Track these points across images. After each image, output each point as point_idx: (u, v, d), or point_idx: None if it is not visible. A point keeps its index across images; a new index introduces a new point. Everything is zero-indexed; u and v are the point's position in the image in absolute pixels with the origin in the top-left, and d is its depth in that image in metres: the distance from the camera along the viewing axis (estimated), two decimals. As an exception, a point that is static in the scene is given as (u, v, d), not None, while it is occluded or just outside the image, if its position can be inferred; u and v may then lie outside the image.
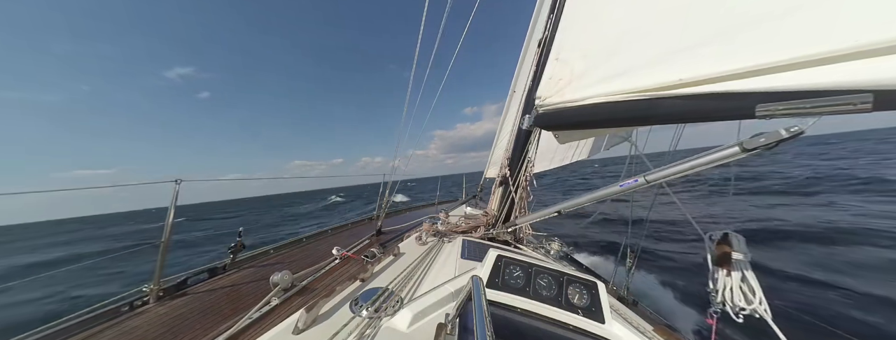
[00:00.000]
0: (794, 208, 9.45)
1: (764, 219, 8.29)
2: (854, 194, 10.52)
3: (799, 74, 1.01)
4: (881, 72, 0.85)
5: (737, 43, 1.19)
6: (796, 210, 9.16)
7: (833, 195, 10.58)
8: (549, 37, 2.47)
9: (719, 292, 1.49)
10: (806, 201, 10.24)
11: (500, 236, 2.76)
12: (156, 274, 2.02)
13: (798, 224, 7.52)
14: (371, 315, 1.32)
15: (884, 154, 23.79)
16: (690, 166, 1.39)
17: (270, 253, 2.99)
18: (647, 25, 1.60)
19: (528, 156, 2.72)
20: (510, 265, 1.49)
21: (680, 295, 4.36)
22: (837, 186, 12.02)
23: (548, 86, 2.13)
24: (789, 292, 4.38)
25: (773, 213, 8.89)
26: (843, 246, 5.90)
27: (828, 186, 12.18)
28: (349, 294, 1.54)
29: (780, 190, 12.63)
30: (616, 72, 1.66)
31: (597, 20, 1.97)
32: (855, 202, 9.34)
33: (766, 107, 1.05)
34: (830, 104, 0.93)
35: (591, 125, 1.89)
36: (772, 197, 11.23)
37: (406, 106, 4.18)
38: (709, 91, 1.24)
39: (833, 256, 5.52)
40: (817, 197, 10.66)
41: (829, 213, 8.31)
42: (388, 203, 3.93)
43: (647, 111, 1.50)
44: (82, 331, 1.65)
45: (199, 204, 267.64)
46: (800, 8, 1.04)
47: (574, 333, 1.22)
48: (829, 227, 7.02)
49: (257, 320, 1.67)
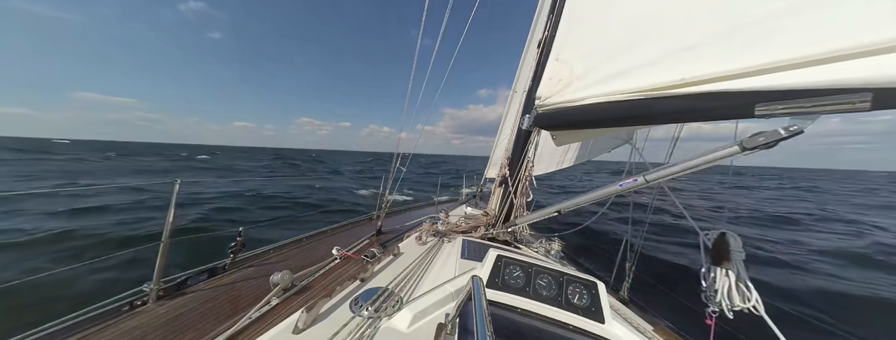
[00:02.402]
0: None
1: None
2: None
3: (798, 73, 1.01)
4: (880, 71, 0.86)
5: (736, 42, 1.20)
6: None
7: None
8: (549, 37, 2.47)
9: (717, 291, 1.50)
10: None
11: (500, 236, 2.77)
12: (156, 274, 2.01)
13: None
14: (371, 314, 1.32)
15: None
16: (690, 165, 1.39)
17: (270, 253, 2.99)
18: (647, 25, 1.61)
19: (528, 156, 2.72)
20: (510, 265, 1.49)
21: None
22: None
23: (548, 87, 2.14)
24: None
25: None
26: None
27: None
28: (349, 294, 1.54)
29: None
30: (616, 72, 1.66)
31: (597, 20, 1.97)
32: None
33: (766, 107, 1.06)
34: (829, 103, 0.93)
35: (591, 125, 1.90)
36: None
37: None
38: (708, 90, 1.24)
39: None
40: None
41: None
42: (388, 203, 3.93)
43: (647, 111, 1.50)
44: (82, 331, 1.65)
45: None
46: (799, 7, 1.04)
47: (574, 333, 1.22)
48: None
49: (257, 320, 1.67)
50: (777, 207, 14.80)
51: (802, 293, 4.82)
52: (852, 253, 6.96)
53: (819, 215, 12.55)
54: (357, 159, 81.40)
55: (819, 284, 5.20)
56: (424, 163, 52.41)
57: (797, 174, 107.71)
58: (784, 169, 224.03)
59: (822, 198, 20.62)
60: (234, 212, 9.02)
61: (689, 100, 1.31)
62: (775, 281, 5.20)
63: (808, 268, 5.99)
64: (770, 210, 13.40)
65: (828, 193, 25.57)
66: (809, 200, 19.23)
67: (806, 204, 17.13)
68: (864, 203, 18.49)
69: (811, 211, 13.79)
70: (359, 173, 28.96)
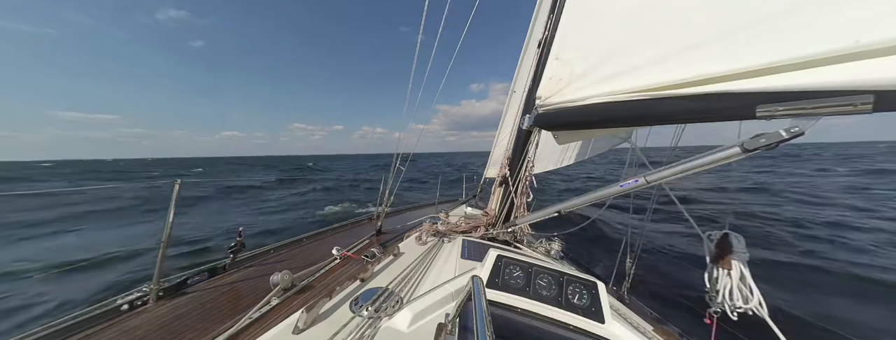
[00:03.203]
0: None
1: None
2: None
3: (800, 75, 1.01)
4: (882, 73, 0.85)
5: (737, 43, 1.19)
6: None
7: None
8: (549, 37, 2.46)
9: (719, 291, 1.50)
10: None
11: (500, 236, 2.77)
12: (156, 274, 2.01)
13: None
14: (371, 314, 1.32)
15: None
16: (691, 166, 1.39)
17: (270, 253, 2.99)
18: (647, 25, 1.60)
19: (528, 155, 2.72)
20: (510, 265, 1.49)
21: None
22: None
23: (548, 86, 2.13)
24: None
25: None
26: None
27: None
28: (349, 294, 1.54)
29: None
30: (616, 72, 1.66)
31: (597, 20, 1.97)
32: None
33: (767, 108, 1.05)
34: (831, 105, 0.93)
35: (591, 125, 1.90)
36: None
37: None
38: (709, 91, 1.24)
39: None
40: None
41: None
42: (389, 201, 3.93)
43: (648, 111, 1.50)
44: (81, 331, 1.64)
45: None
46: (800, 8, 1.04)
47: (574, 333, 1.22)
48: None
49: (257, 320, 1.67)
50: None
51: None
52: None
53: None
54: (355, 164, 69.90)
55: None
56: (422, 167, 44.57)
57: (826, 149, 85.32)
58: (808, 144, 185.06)
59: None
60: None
61: (691, 100, 1.31)
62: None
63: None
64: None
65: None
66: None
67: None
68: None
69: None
70: (353, 182, 24.21)
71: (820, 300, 4.35)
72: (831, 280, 4.92)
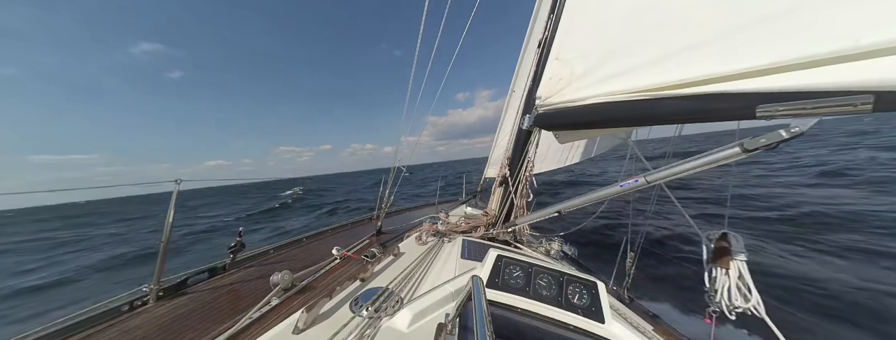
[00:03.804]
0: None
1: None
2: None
3: (799, 75, 1.01)
4: (882, 73, 0.85)
5: (737, 43, 1.19)
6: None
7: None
8: (549, 37, 2.47)
9: (718, 291, 1.50)
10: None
11: (500, 236, 2.77)
12: (156, 274, 2.01)
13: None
14: (371, 314, 1.32)
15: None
16: (691, 166, 1.39)
17: (270, 253, 2.99)
18: (647, 25, 1.60)
19: (528, 156, 2.72)
20: (510, 265, 1.49)
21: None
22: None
23: (548, 86, 2.13)
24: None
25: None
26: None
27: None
28: (349, 294, 1.54)
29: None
30: (616, 72, 1.66)
31: (597, 20, 1.97)
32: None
33: (767, 108, 1.05)
34: (831, 105, 0.93)
35: (591, 125, 1.90)
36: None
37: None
38: (709, 91, 1.24)
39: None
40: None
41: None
42: (389, 202, 3.93)
43: (648, 111, 1.51)
44: (82, 331, 1.65)
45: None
46: (800, 8, 1.04)
47: (574, 333, 1.22)
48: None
49: (257, 320, 1.67)
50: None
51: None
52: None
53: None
54: (343, 181, 60.01)
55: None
56: (419, 182, 32.53)
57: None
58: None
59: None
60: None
61: (691, 100, 1.31)
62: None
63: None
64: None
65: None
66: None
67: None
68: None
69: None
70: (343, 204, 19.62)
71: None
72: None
